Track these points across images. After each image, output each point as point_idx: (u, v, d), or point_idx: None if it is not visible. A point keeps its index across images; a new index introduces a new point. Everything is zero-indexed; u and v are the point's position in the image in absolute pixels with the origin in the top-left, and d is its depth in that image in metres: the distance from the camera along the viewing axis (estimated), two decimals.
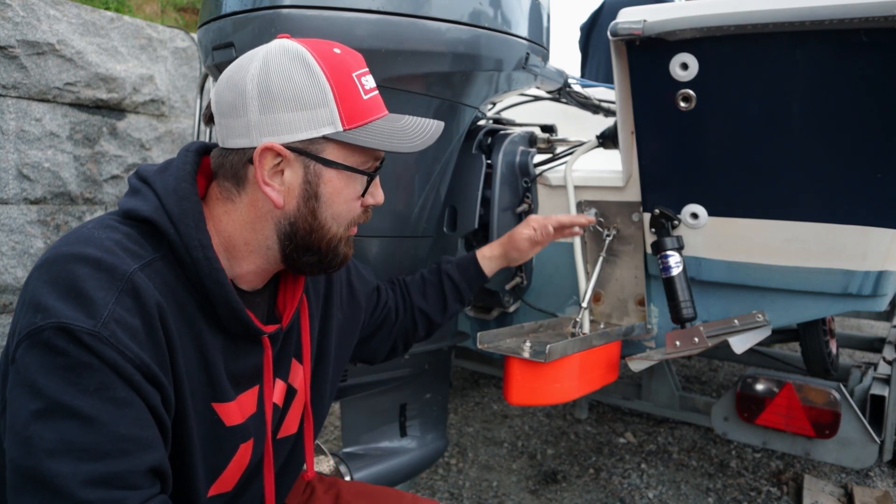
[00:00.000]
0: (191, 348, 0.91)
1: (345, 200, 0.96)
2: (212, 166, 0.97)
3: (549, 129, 2.00)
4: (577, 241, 1.76)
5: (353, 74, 0.94)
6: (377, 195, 1.02)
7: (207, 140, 2.54)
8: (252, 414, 1.02)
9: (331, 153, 0.93)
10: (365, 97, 0.95)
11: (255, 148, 0.90)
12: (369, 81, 0.97)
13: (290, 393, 1.11)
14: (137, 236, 0.88)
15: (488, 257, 1.50)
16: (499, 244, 1.52)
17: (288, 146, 0.91)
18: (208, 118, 0.98)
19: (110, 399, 0.77)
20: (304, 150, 0.91)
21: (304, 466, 1.21)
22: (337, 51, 0.95)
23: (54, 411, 0.75)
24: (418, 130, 1.00)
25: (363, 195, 0.99)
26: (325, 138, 0.92)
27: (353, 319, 1.26)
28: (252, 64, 0.92)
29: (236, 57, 1.43)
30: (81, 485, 0.73)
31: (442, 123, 1.05)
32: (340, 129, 0.91)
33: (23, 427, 0.75)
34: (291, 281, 1.08)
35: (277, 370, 1.06)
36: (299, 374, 1.12)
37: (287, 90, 0.90)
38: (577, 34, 3.93)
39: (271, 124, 0.90)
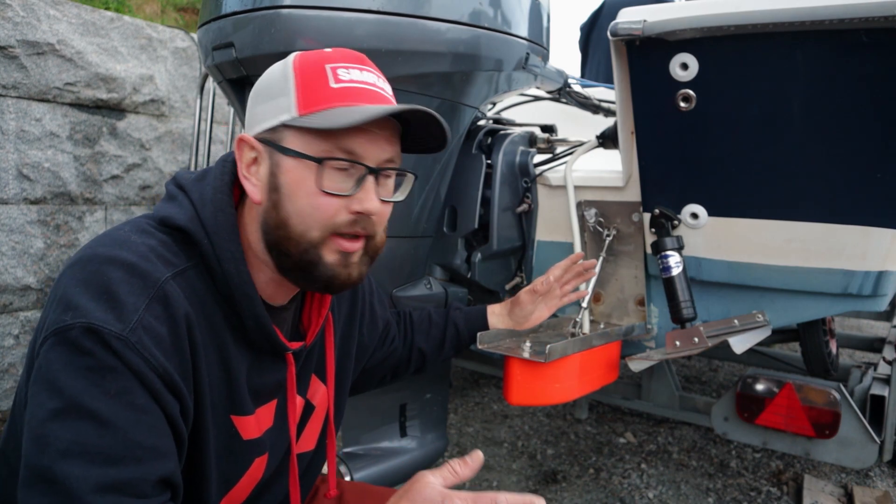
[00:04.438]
0: (215, 360, 0.90)
1: (306, 194, 0.88)
2: None
3: (549, 129, 2.00)
4: (577, 242, 1.76)
5: (328, 65, 0.90)
6: (365, 201, 0.89)
7: (207, 140, 2.54)
8: (268, 428, 1.02)
9: (289, 141, 0.89)
10: (334, 85, 0.89)
11: None
12: (353, 74, 0.91)
13: (308, 409, 1.11)
14: (172, 244, 0.88)
15: (497, 314, 1.48)
16: (506, 302, 1.51)
17: (257, 137, 0.91)
18: None
19: (129, 404, 0.77)
20: (267, 140, 0.90)
21: (319, 481, 1.22)
22: (328, 49, 0.94)
23: (72, 411, 0.74)
24: (383, 110, 0.89)
25: (328, 191, 0.88)
26: (284, 126, 0.89)
27: (370, 342, 1.26)
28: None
29: (236, 57, 1.45)
30: (91, 489, 0.73)
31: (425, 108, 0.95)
32: (295, 114, 0.88)
33: (39, 424, 0.75)
34: (318, 298, 1.07)
35: (298, 386, 1.05)
36: (319, 391, 1.12)
37: (262, 84, 0.93)
38: (577, 34, 3.93)
39: (251, 118, 0.93)
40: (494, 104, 2.25)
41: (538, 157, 1.91)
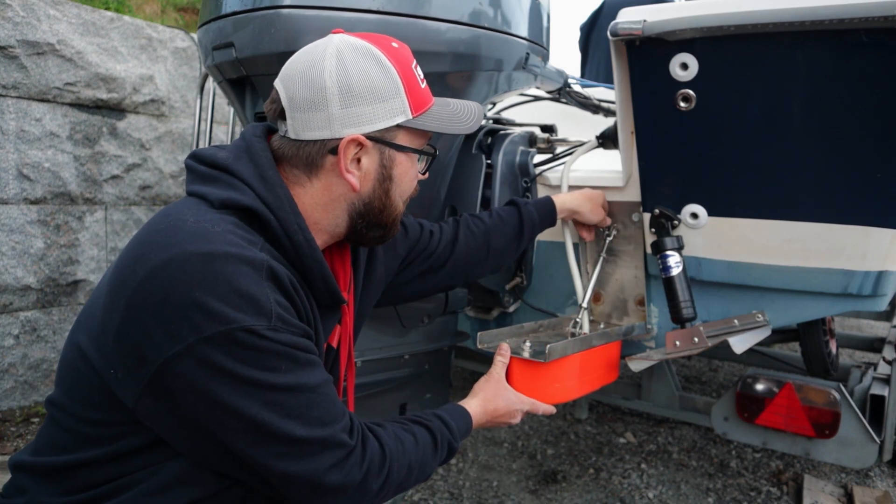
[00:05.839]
0: (313, 315, 1.01)
1: (410, 179, 1.08)
2: (277, 154, 1.02)
3: (549, 129, 2.00)
4: (569, 243, 1.75)
5: (412, 66, 1.03)
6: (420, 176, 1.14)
7: (207, 140, 2.54)
8: None
9: (402, 139, 1.04)
10: (422, 86, 1.05)
11: (335, 139, 0.98)
12: (420, 71, 1.06)
13: (329, 351, 1.17)
14: (242, 223, 0.94)
15: (567, 209, 1.64)
16: (575, 196, 1.66)
17: (367, 136, 0.99)
18: (276, 112, 1.01)
19: (301, 367, 0.90)
20: (380, 139, 1.01)
21: None
22: (395, 45, 1.03)
23: (270, 393, 0.86)
24: (465, 113, 1.12)
25: (421, 174, 1.11)
26: (398, 126, 1.02)
27: (374, 289, 1.31)
28: (326, 61, 0.97)
29: (236, 57, 1.44)
30: (328, 425, 0.91)
31: (479, 105, 1.17)
32: (410, 116, 1.02)
33: (248, 415, 0.85)
34: (338, 255, 1.14)
35: (329, 334, 1.14)
36: (336, 335, 1.18)
37: (366, 85, 0.97)
38: (577, 34, 3.93)
39: (352, 117, 0.98)
40: (494, 104, 2.25)
41: (538, 157, 1.91)
